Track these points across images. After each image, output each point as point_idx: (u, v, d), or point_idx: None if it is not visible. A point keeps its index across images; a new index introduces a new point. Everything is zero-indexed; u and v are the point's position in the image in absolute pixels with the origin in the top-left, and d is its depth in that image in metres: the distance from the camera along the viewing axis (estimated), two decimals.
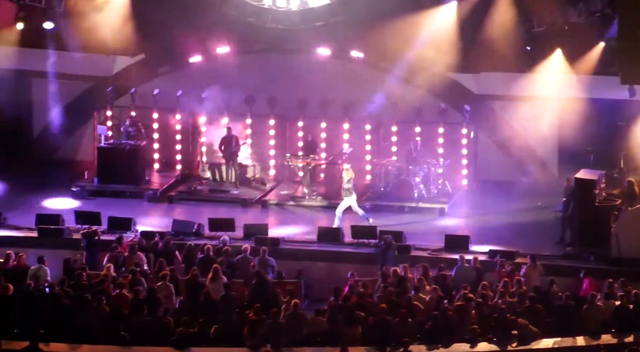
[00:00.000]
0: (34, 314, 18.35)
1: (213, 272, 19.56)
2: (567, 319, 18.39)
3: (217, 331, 17.82)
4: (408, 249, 22.08)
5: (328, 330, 17.89)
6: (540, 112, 26.18)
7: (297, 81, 26.53)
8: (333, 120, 26.89)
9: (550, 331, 18.01)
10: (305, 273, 20.93)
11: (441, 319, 17.91)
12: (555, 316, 18.48)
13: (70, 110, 27.65)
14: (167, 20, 25.72)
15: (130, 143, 26.36)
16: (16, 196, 25.33)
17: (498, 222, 24.15)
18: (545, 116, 26.17)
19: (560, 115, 26.00)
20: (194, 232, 22.78)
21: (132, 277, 19.37)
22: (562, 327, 18.22)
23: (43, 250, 21.70)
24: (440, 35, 25.30)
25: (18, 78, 27.27)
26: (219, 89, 26.65)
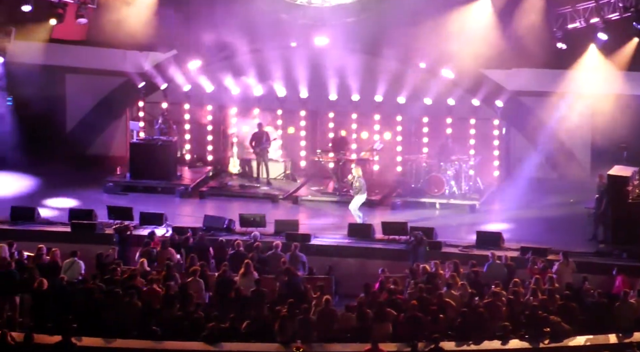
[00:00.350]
0: (67, 308, 18.51)
1: (244, 267, 19.62)
2: (600, 316, 18.27)
3: (248, 326, 17.88)
4: (439, 245, 22.02)
5: (358, 326, 17.88)
6: (572, 108, 26.00)
7: (327, 77, 26.50)
8: (364, 116, 26.87)
9: (582, 329, 17.89)
10: (336, 269, 20.93)
11: (472, 315, 17.85)
12: (587, 314, 18.36)
13: (102, 106, 27.83)
14: (199, 15, 25.81)
15: (162, 139, 26.49)
16: (49, 191, 25.54)
17: (530, 219, 24.03)
18: (578, 112, 25.99)
19: (593, 111, 25.83)
20: (225, 227, 22.85)
21: (167, 273, 19.48)
22: (594, 324, 18.10)
23: (75, 245, 21.89)
24: (473, 31, 25.19)
25: (52, 74, 27.50)
26: (250, 85, 26.72)
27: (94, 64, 27.43)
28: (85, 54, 27.33)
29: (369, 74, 26.31)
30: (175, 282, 19.17)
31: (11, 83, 27.66)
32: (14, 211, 23.28)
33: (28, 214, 23.23)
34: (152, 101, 27.76)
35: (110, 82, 27.62)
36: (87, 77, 27.70)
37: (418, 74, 26.17)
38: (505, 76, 26.35)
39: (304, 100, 27.02)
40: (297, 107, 27.15)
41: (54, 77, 27.61)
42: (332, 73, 26.38)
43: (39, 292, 18.49)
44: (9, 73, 27.37)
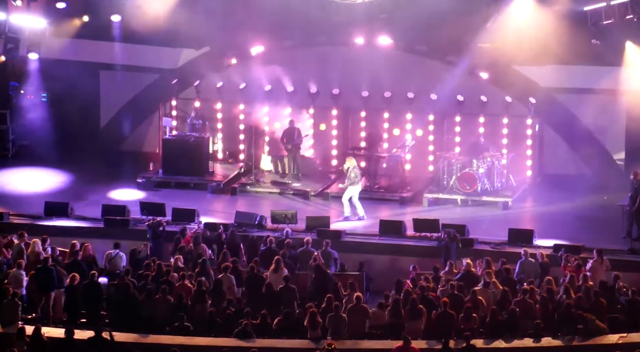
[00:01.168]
0: (100, 304, 18.64)
1: (275, 264, 19.65)
2: (633, 314, 18.10)
3: (280, 322, 17.91)
4: (471, 242, 21.94)
5: (390, 323, 17.86)
6: (607, 105, 25.77)
7: (360, 73, 26.46)
8: (396, 113, 26.80)
9: (616, 327, 17.74)
10: (367, 266, 20.91)
11: (504, 313, 17.76)
12: (621, 312, 18.20)
13: (136, 103, 27.98)
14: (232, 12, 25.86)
15: (194, 135, 26.59)
16: (83, 186, 25.73)
17: (563, 216, 23.86)
18: (612, 109, 25.76)
19: (628, 108, 25.58)
20: (256, 224, 22.90)
21: (201, 268, 19.55)
22: (628, 322, 17.94)
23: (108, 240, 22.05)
24: (506, 28, 25.03)
25: (86, 70, 27.68)
26: (281, 82, 26.75)
27: (127, 61, 27.58)
28: (119, 50, 27.48)
29: (402, 70, 26.23)
30: (207, 278, 19.24)
31: (46, 79, 27.89)
32: (48, 206, 23.47)
33: (62, 209, 23.41)
34: (184, 98, 27.87)
35: (144, 78, 27.75)
36: (120, 73, 27.85)
37: (451, 71, 26.05)
38: (539, 73, 26.17)
39: (336, 97, 26.99)
40: (329, 104, 27.14)
41: (88, 73, 27.79)
42: (365, 70, 26.33)
43: (72, 287, 18.63)
44: (43, 69, 27.61)
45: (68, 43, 27.30)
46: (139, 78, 27.69)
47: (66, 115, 27.71)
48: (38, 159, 27.06)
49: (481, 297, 18.38)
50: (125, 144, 28.26)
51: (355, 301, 18.01)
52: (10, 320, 17.80)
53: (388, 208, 24.77)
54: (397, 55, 26.24)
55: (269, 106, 27.19)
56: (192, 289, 18.73)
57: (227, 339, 17.47)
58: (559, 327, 17.72)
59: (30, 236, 20.74)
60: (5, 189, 25.42)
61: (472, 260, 19.93)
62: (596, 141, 26.40)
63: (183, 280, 18.91)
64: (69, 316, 18.58)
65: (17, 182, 25.88)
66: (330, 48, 26.56)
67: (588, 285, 18.68)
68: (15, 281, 18.83)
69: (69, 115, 27.68)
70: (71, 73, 27.29)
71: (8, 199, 24.50)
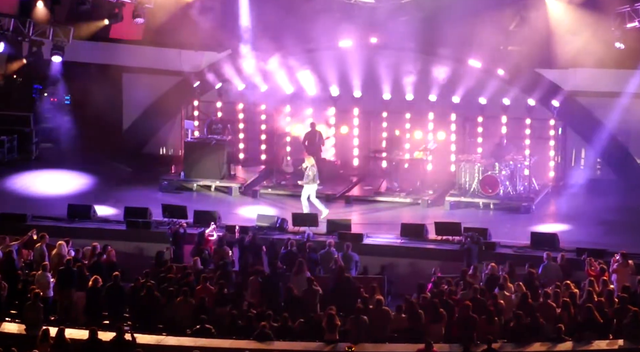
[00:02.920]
0: (122, 306, 18.71)
1: (297, 266, 19.66)
2: None
3: (301, 325, 17.90)
4: (493, 246, 21.85)
5: (410, 327, 17.82)
6: (631, 109, 25.61)
7: (381, 76, 26.43)
8: (417, 116, 26.74)
9: None
10: (388, 269, 20.87)
11: (526, 317, 17.68)
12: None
13: (158, 105, 28.09)
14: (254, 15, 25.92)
15: (216, 138, 26.65)
16: (105, 189, 25.86)
17: (586, 220, 23.72)
18: (636, 113, 25.59)
19: None
20: (278, 226, 22.91)
21: (222, 271, 19.59)
22: None
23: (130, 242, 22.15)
24: (530, 31, 24.94)
25: (109, 73, 27.83)
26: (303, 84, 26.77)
27: (150, 64, 27.70)
28: (141, 53, 27.60)
29: (423, 73, 26.18)
30: (228, 281, 19.26)
31: (69, 82, 28.06)
32: (70, 209, 23.58)
33: (84, 211, 23.52)
34: (206, 100, 27.94)
35: (166, 81, 27.86)
36: (143, 76, 27.98)
37: (473, 73, 25.98)
38: (562, 76, 26.05)
39: (357, 99, 26.98)
40: (351, 106, 27.13)
41: (111, 76, 27.93)
42: (386, 72, 26.30)
43: (94, 289, 18.71)
44: (67, 72, 27.78)
45: (91, 46, 27.45)
46: (161, 81, 27.80)
47: (89, 118, 27.87)
48: (61, 162, 27.23)
49: (502, 301, 18.31)
50: (148, 146, 28.38)
51: (377, 305, 17.98)
52: (34, 322, 17.90)
53: (409, 211, 24.71)
54: (419, 57, 26.18)
55: (290, 109, 27.21)
56: (213, 292, 18.77)
57: (247, 342, 17.49)
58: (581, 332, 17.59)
59: (53, 238, 20.83)
60: (29, 192, 25.58)
61: (494, 264, 19.85)
62: (620, 145, 26.24)
63: (205, 282, 18.95)
64: (91, 318, 18.65)
65: (40, 184, 26.04)
66: (352, 50, 26.54)
67: (610, 289, 18.55)
68: (42, 283, 18.92)
69: (91, 118, 27.83)
70: (94, 76, 27.45)
71: (31, 202, 24.65)
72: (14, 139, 27.42)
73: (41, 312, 18.09)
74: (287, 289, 18.98)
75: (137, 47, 27.42)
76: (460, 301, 18.35)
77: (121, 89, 28.37)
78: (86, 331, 17.28)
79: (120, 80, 28.29)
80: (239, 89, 27.35)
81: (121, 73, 28.20)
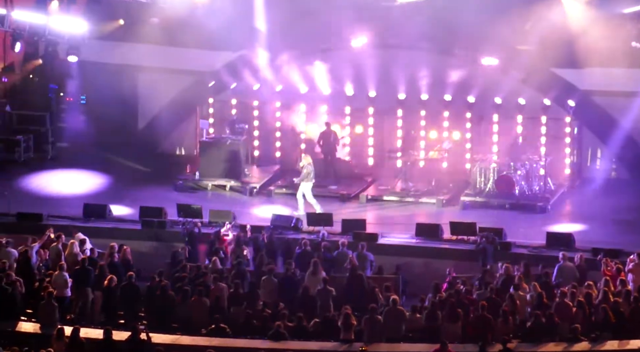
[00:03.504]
0: (137, 305, 18.75)
1: (312, 266, 19.65)
2: None
3: (315, 325, 17.90)
4: (508, 246, 21.78)
5: (426, 326, 17.79)
6: None
7: (396, 75, 26.39)
8: (432, 115, 26.69)
9: None
10: (403, 269, 20.85)
11: (542, 317, 17.63)
12: None
13: (173, 105, 28.14)
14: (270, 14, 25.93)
15: (230, 137, 26.67)
16: (121, 188, 25.92)
17: (601, 220, 23.61)
18: None
19: None
20: (292, 226, 22.92)
21: (236, 270, 19.60)
22: None
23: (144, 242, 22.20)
24: (545, 30, 24.86)
25: (124, 73, 27.89)
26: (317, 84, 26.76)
27: (165, 63, 27.75)
28: (157, 53, 27.65)
29: (439, 72, 26.13)
30: (243, 280, 19.28)
31: (85, 82, 28.14)
32: (86, 208, 23.66)
33: (100, 211, 23.59)
34: (221, 100, 27.97)
35: (181, 81, 27.90)
36: (158, 76, 28.02)
37: (488, 73, 25.91)
38: (578, 76, 25.94)
39: (372, 98, 26.95)
40: (366, 105, 27.10)
41: (127, 75, 27.99)
42: (401, 72, 26.25)
43: (109, 289, 18.76)
44: (83, 72, 27.86)
45: (107, 46, 27.52)
46: (177, 80, 27.84)
47: (105, 118, 27.94)
48: (77, 161, 27.30)
49: (518, 301, 18.25)
50: (163, 146, 28.43)
51: (392, 304, 17.96)
52: (49, 321, 17.96)
53: (424, 211, 24.67)
54: (434, 56, 26.13)
55: (305, 108, 27.20)
56: (228, 291, 18.79)
57: (261, 341, 17.50)
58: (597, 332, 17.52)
59: (69, 237, 20.91)
60: (45, 191, 25.67)
61: (509, 263, 19.80)
62: (636, 144, 26.11)
63: (220, 282, 18.96)
64: (107, 317, 18.70)
65: (56, 183, 26.12)
66: (367, 50, 26.51)
67: (627, 289, 18.47)
68: (59, 283, 18.98)
69: (107, 118, 27.91)
70: (110, 76, 27.52)
71: (47, 201, 24.73)
72: (30, 139, 27.51)
73: (56, 312, 18.15)
74: (303, 288, 18.97)
75: (152, 46, 27.47)
76: (476, 301, 18.31)
77: (136, 88, 28.42)
78: (101, 330, 17.32)
79: (135, 80, 28.35)
80: (254, 88, 27.36)
81: (136, 73, 28.25)
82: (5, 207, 23.78)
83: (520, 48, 25.32)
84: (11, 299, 18.34)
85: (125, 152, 27.55)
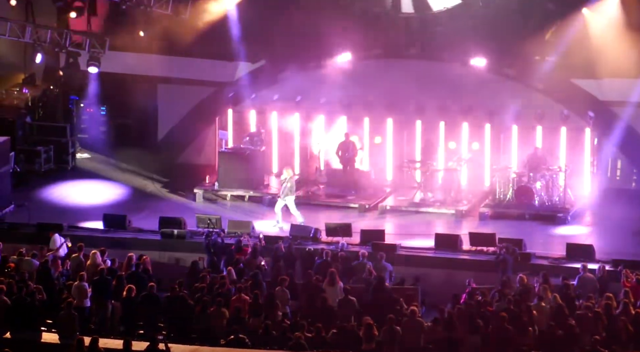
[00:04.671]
0: (157, 315, 18.78)
1: (330, 276, 19.65)
2: None
3: (334, 335, 17.88)
4: (528, 257, 21.71)
5: (445, 338, 17.73)
6: None
7: (415, 86, 26.39)
8: (452, 125, 26.66)
9: None
10: (422, 280, 20.80)
11: (562, 329, 17.54)
12: None
13: (193, 115, 28.24)
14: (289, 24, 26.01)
15: (250, 148, 26.73)
16: (140, 199, 26.01)
17: (622, 231, 23.50)
18: None
19: None
20: (312, 236, 22.92)
21: (253, 281, 19.63)
22: None
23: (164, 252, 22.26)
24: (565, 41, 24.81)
25: (144, 84, 28.02)
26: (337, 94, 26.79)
27: (184, 74, 27.87)
28: (176, 64, 27.78)
29: (457, 82, 26.11)
30: (260, 290, 19.29)
31: (105, 93, 28.30)
32: (106, 219, 23.76)
33: (119, 221, 23.68)
34: (240, 110, 28.05)
35: (201, 91, 28.01)
36: (178, 87, 28.14)
37: (508, 83, 25.86)
38: (598, 86, 25.86)
39: (391, 109, 26.94)
40: (384, 116, 27.10)
41: (147, 86, 28.13)
42: (420, 81, 26.24)
43: (129, 299, 18.82)
44: (103, 83, 28.02)
45: (127, 57, 27.67)
46: (196, 91, 27.95)
47: (124, 129, 28.08)
48: (97, 172, 27.43)
49: (537, 312, 18.17)
50: (182, 156, 28.52)
51: (410, 315, 17.92)
52: (69, 331, 18.03)
53: (443, 221, 24.63)
54: (453, 66, 26.12)
55: (324, 118, 27.23)
56: (247, 302, 18.80)
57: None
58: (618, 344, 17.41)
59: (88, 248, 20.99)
60: (65, 201, 25.80)
61: (526, 275, 19.73)
62: None
63: (239, 293, 18.98)
64: (126, 327, 18.75)
65: (76, 194, 26.25)
66: (385, 61, 26.52)
67: None
68: (79, 293, 19.06)
69: (127, 129, 28.04)
70: (130, 87, 27.65)
71: (67, 211, 24.86)
72: (50, 150, 27.67)
73: (76, 322, 18.22)
74: (322, 299, 18.97)
75: (172, 57, 27.60)
76: (495, 312, 18.25)
77: (156, 99, 28.55)
78: (120, 340, 17.36)
79: (155, 91, 28.48)
80: (273, 99, 27.42)
81: (156, 83, 28.39)
82: (25, 217, 23.93)
83: (540, 59, 25.25)
84: (31, 309, 18.42)
85: (145, 163, 27.64)
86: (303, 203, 25.93)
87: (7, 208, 24.37)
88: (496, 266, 21.27)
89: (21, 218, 23.93)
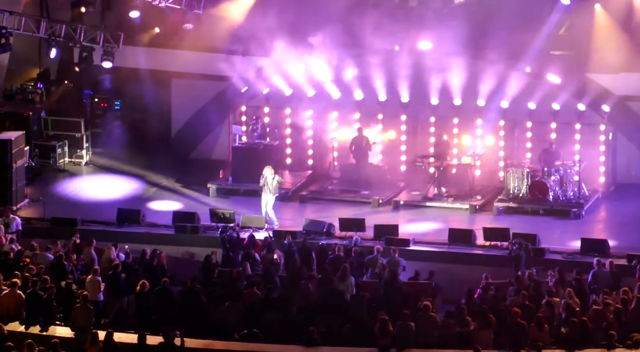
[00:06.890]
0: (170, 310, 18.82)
1: (342, 271, 19.64)
2: None
3: (348, 330, 17.88)
4: (542, 252, 21.66)
5: (459, 332, 17.71)
6: None
7: (429, 81, 26.32)
8: (465, 120, 26.58)
9: None
10: (436, 275, 20.78)
11: (576, 324, 17.49)
12: None
13: (206, 110, 28.27)
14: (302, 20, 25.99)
15: (263, 143, 26.74)
16: (155, 194, 26.06)
17: (636, 226, 23.40)
18: None
19: None
20: (325, 231, 22.93)
21: (266, 276, 19.64)
22: None
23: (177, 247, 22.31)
24: (579, 35, 24.70)
25: (158, 78, 28.06)
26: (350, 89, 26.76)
27: (198, 69, 27.89)
28: (190, 59, 27.80)
29: (472, 77, 26.03)
30: (273, 285, 19.31)
31: (119, 88, 28.36)
32: (120, 213, 23.82)
33: (133, 216, 23.73)
34: (254, 105, 28.06)
35: (214, 86, 28.01)
36: (192, 81, 28.16)
37: (522, 78, 25.78)
38: (613, 81, 25.74)
39: (404, 104, 26.90)
40: (398, 111, 27.05)
41: (161, 81, 28.16)
42: (434, 77, 26.19)
43: (143, 294, 18.86)
44: (117, 78, 28.08)
45: (141, 52, 27.71)
46: (210, 86, 27.96)
47: (138, 124, 28.14)
48: (111, 167, 27.50)
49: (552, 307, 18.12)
50: (196, 151, 28.55)
51: (424, 310, 17.91)
52: (84, 325, 18.09)
53: (457, 216, 24.58)
54: (467, 61, 26.03)
55: (337, 114, 27.20)
56: (261, 296, 18.82)
57: (294, 347, 17.51)
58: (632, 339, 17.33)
59: (103, 242, 21.05)
60: (79, 196, 25.88)
61: (542, 269, 19.68)
62: None
63: (253, 287, 19.00)
64: (141, 321, 18.80)
65: (91, 189, 26.32)
66: (400, 55, 26.44)
67: None
68: (93, 287, 19.12)
69: (141, 124, 28.09)
70: (144, 81, 27.70)
71: (82, 206, 24.93)
72: (65, 144, 27.76)
73: (91, 315, 18.27)
74: (337, 293, 18.96)
75: (185, 52, 27.62)
76: (509, 307, 18.21)
77: (170, 94, 28.58)
78: (135, 335, 17.41)
79: (169, 86, 28.51)
80: (286, 94, 27.41)
81: (170, 78, 28.42)
82: (40, 212, 24.01)
83: (554, 53, 25.15)
84: (46, 304, 18.49)
85: (159, 158, 27.69)
86: (317, 198, 25.96)
87: (22, 203, 24.46)
88: (510, 261, 21.22)
89: (36, 213, 24.01)
